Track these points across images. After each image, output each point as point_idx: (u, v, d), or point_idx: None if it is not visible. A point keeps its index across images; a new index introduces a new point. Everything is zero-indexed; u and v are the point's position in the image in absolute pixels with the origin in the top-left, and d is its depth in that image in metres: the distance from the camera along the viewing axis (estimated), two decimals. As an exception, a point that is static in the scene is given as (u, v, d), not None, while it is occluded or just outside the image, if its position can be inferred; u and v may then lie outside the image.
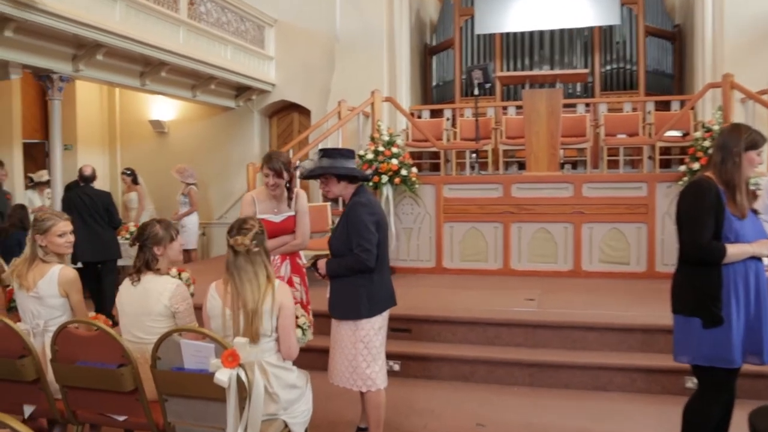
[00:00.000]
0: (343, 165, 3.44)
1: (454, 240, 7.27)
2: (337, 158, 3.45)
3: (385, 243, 3.48)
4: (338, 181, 3.46)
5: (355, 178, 3.49)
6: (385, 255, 3.50)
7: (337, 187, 3.48)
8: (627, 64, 9.74)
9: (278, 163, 3.78)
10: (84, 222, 6.76)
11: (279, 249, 3.88)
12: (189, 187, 8.87)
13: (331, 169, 3.43)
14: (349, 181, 3.47)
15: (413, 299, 5.92)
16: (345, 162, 3.45)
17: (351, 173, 3.45)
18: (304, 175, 3.56)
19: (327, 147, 3.58)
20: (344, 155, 3.48)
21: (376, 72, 9.14)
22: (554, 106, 7.02)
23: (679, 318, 3.05)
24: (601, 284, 6.51)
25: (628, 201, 6.74)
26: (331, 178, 3.46)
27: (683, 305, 3.02)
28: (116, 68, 7.54)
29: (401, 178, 7.00)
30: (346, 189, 3.48)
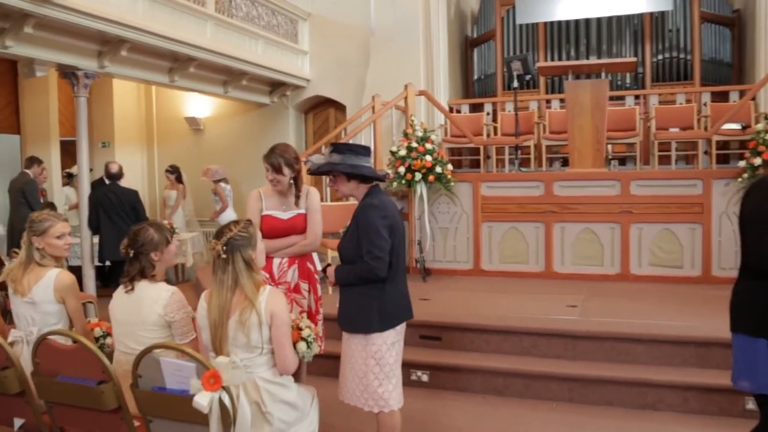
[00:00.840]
0: (354, 163, 3.11)
1: (492, 241, 6.88)
2: (347, 154, 3.13)
3: (401, 249, 3.15)
4: (348, 179, 3.14)
5: (367, 178, 3.16)
6: (401, 262, 3.17)
7: (346, 186, 3.16)
8: (681, 53, 9.13)
9: (277, 158, 3.50)
10: (110, 220, 6.67)
11: (287, 250, 3.59)
12: (217, 185, 8.71)
13: (338, 167, 3.12)
14: (360, 180, 3.15)
15: (446, 304, 5.59)
16: (356, 159, 3.13)
17: (359, 172, 3.11)
18: (311, 171, 3.26)
19: (339, 142, 3.25)
20: (356, 152, 3.15)
21: (412, 66, 8.79)
22: (599, 98, 6.54)
23: (741, 338, 2.62)
24: (651, 289, 6.01)
25: (682, 199, 6.21)
26: (340, 175, 3.15)
27: (746, 323, 2.59)
28: (143, 64, 7.40)
29: (435, 175, 6.64)
30: (358, 189, 3.16)
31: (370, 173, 3.17)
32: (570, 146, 6.74)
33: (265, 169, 3.56)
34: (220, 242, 2.72)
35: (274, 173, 3.53)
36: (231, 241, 2.71)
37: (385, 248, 3.00)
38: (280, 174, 3.52)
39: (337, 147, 3.19)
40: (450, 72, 9.51)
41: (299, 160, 3.61)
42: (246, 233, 2.76)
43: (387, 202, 3.15)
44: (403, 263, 3.22)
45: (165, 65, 7.80)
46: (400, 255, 3.15)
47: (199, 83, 8.43)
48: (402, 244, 3.18)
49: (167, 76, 7.91)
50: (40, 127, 9.12)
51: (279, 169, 3.51)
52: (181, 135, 10.79)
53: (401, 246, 3.16)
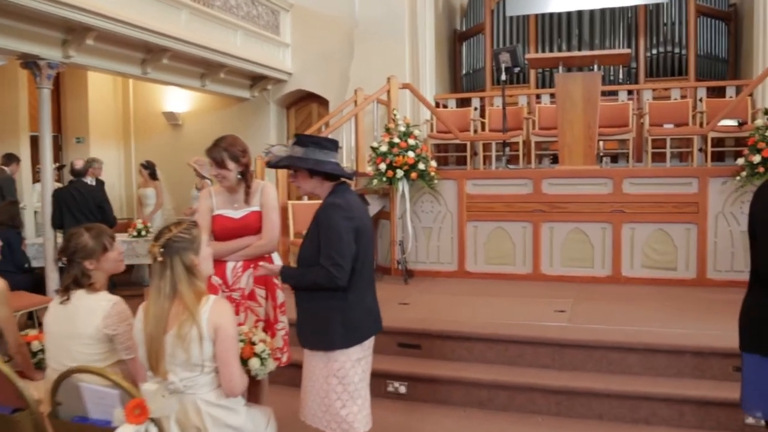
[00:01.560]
0: (318, 158, 2.78)
1: (477, 241, 6.56)
2: (311, 148, 2.79)
3: (368, 255, 2.82)
4: (310, 175, 2.80)
5: (332, 175, 2.83)
6: (368, 270, 2.84)
7: (308, 182, 2.82)
8: (676, 47, 8.83)
9: (220, 152, 3.18)
10: (75, 219, 6.31)
11: (241, 252, 3.26)
12: (203, 182, 8.35)
13: (299, 162, 2.78)
14: (324, 177, 2.81)
15: (427, 308, 5.27)
16: (321, 154, 2.79)
17: (321, 169, 2.77)
18: (270, 164, 2.91)
19: (304, 134, 2.91)
20: (321, 146, 2.81)
21: (397, 59, 8.46)
22: (591, 92, 6.23)
23: (751, 358, 2.30)
24: (644, 293, 5.71)
25: (676, 198, 5.91)
26: (302, 171, 2.81)
27: (757, 342, 2.27)
28: (113, 55, 7.04)
29: (418, 172, 6.32)
30: (321, 186, 2.82)
31: (335, 170, 2.84)
32: (560, 142, 6.43)
33: (209, 164, 3.25)
34: (157, 244, 2.38)
35: (217, 168, 3.21)
36: (170, 243, 2.38)
37: (347, 254, 2.67)
38: (224, 169, 3.20)
39: (301, 139, 2.85)
40: (437, 66, 9.18)
41: (247, 153, 3.28)
42: (188, 235, 2.43)
43: (353, 202, 2.81)
44: (370, 270, 2.89)
45: (137, 56, 7.44)
46: (367, 261, 2.82)
47: (175, 76, 8.06)
48: (370, 249, 2.85)
49: (140, 68, 7.55)
50: (9, 121, 8.72)
51: (222, 164, 3.18)
52: (159, 130, 10.42)
53: (369, 251, 2.83)
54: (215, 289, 3.28)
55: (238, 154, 3.20)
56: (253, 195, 3.32)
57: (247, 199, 3.31)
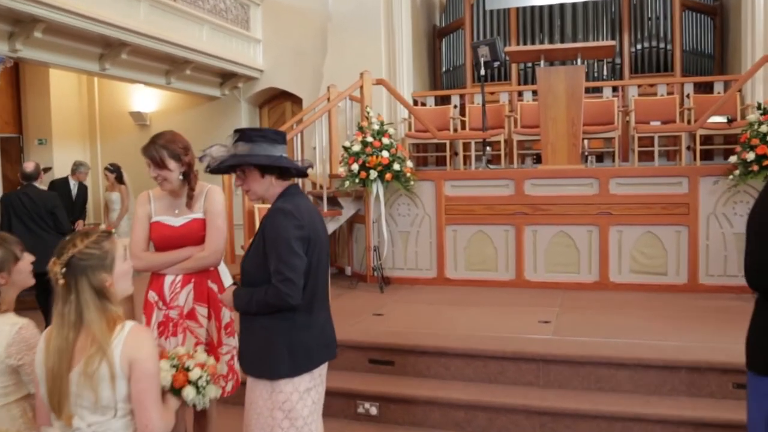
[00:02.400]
0: (268, 153, 2.39)
1: (457, 246, 6.20)
2: (259, 143, 2.39)
3: (321, 268, 2.43)
4: (261, 175, 2.41)
5: (285, 172, 2.44)
6: (321, 286, 2.45)
7: (260, 184, 2.42)
8: (661, 42, 8.54)
9: (158, 150, 2.78)
10: (25, 226, 5.86)
11: (180, 265, 2.86)
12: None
13: (250, 158, 2.38)
14: (278, 175, 2.42)
15: (402, 320, 4.89)
16: (271, 148, 2.40)
17: (278, 163, 2.39)
18: (210, 168, 2.50)
19: (248, 128, 2.50)
20: (270, 138, 2.42)
21: (373, 55, 8.08)
22: (575, 87, 5.90)
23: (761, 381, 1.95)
24: (633, 300, 5.38)
25: (665, 199, 5.58)
26: (252, 170, 2.41)
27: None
28: (66, 49, 6.60)
29: (393, 173, 5.94)
30: (273, 187, 2.43)
31: (292, 164, 2.45)
32: (543, 140, 6.08)
33: (146, 164, 2.83)
34: (59, 261, 1.97)
35: (156, 169, 2.80)
36: (74, 261, 1.96)
37: (298, 268, 2.28)
38: (164, 169, 2.79)
39: (245, 134, 2.43)
40: (416, 63, 8.81)
41: (189, 151, 2.87)
42: (97, 250, 2.01)
43: (304, 207, 2.42)
44: (324, 286, 2.50)
45: (94, 51, 7.00)
46: (320, 276, 2.43)
47: (137, 72, 7.62)
48: (325, 261, 2.47)
49: (97, 64, 7.10)
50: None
51: (162, 164, 2.78)
52: (126, 131, 9.95)
53: (323, 265, 2.44)
54: (151, 306, 2.88)
55: (179, 151, 2.80)
56: (196, 199, 2.92)
57: (190, 203, 2.91)
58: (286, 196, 2.42)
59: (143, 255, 2.90)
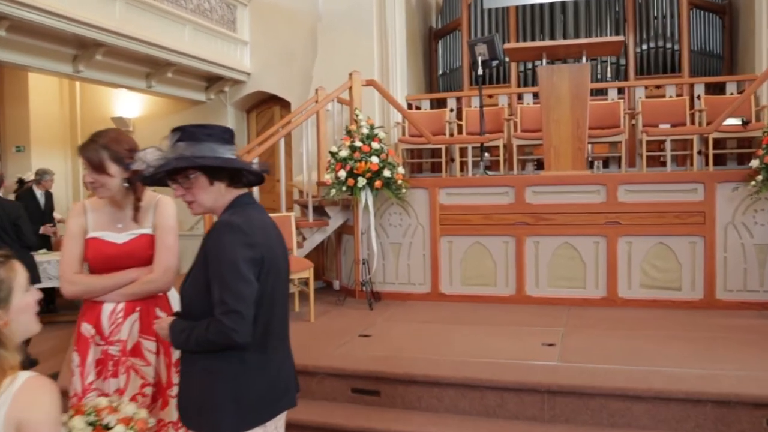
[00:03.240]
0: (218, 154, 1.94)
1: (453, 258, 5.75)
2: (205, 142, 1.93)
3: (279, 295, 1.98)
4: (210, 181, 1.95)
5: (236, 177, 1.99)
6: (277, 317, 1.98)
7: (208, 192, 1.96)
8: (668, 42, 8.12)
9: (96, 151, 2.32)
10: (-15, 239, 5.39)
11: (123, 291, 2.40)
12: (149, 194, 7.46)
13: (200, 160, 1.93)
14: (228, 181, 1.97)
15: (391, 343, 4.42)
16: (219, 149, 1.95)
17: (230, 165, 1.94)
18: (145, 177, 2.04)
19: (192, 124, 2.03)
20: (217, 137, 1.96)
21: (364, 57, 7.66)
22: (580, 87, 5.46)
23: None
24: (644, 317, 4.92)
25: (679, 207, 5.14)
26: (199, 176, 1.95)
27: None
28: (37, 50, 6.19)
29: (383, 180, 5.50)
30: (222, 196, 1.97)
31: (246, 166, 2.00)
32: (545, 145, 5.64)
33: (82, 167, 2.39)
34: None
35: (93, 173, 2.34)
36: None
37: (246, 296, 1.83)
38: (103, 174, 2.34)
39: (188, 132, 1.95)
40: (411, 66, 8.38)
41: (135, 152, 2.41)
42: None
43: (258, 221, 1.96)
44: (283, 318, 2.04)
45: (66, 52, 6.57)
46: (277, 306, 1.97)
47: (114, 75, 7.19)
48: (283, 288, 2.01)
49: (71, 66, 6.67)
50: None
51: (100, 168, 2.32)
52: (108, 138, 9.50)
53: (281, 291, 1.99)
54: (86, 341, 2.42)
55: (123, 154, 2.33)
56: (144, 212, 2.47)
57: (136, 216, 2.46)
58: (235, 207, 1.97)
59: (78, 279, 2.43)
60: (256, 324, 1.87)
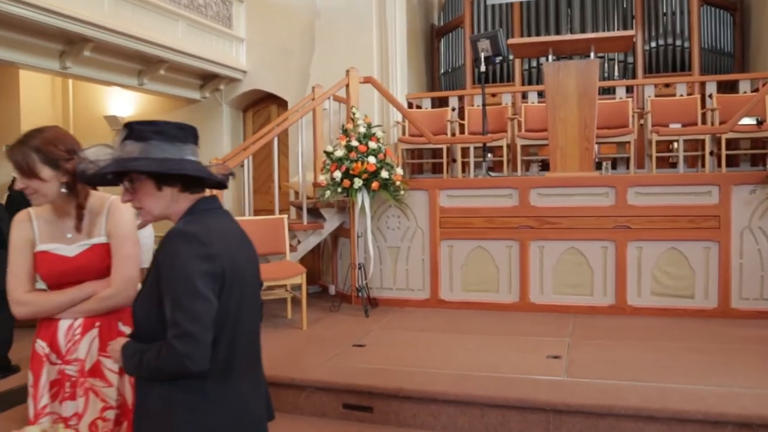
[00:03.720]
0: (166, 156, 1.67)
1: (454, 263, 5.49)
2: (152, 141, 1.66)
3: (246, 314, 1.71)
4: (158, 186, 1.69)
5: (192, 181, 1.73)
6: (244, 340, 1.72)
7: (155, 198, 1.69)
8: (677, 39, 7.85)
9: (26, 154, 2.04)
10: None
11: (79, 308, 2.14)
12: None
13: (134, 163, 1.66)
14: (182, 186, 1.71)
15: (386, 353, 4.17)
16: (172, 149, 1.68)
17: (174, 170, 1.67)
18: (86, 177, 1.77)
19: (140, 120, 1.75)
20: (168, 135, 1.69)
21: (363, 54, 7.39)
22: (588, 84, 5.20)
23: None
24: (656, 327, 4.65)
25: (692, 211, 4.87)
26: (144, 180, 1.69)
27: None
28: (21, 45, 5.94)
29: (380, 181, 5.24)
30: (176, 203, 1.71)
31: (199, 171, 1.73)
32: (551, 145, 5.37)
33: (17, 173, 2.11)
34: None
35: (24, 178, 2.06)
36: None
37: (203, 317, 1.56)
38: (34, 179, 2.05)
39: (134, 129, 1.68)
40: (412, 64, 8.12)
41: (75, 154, 2.13)
42: None
43: (218, 229, 1.69)
44: (252, 341, 1.77)
45: (54, 48, 6.32)
46: (243, 326, 1.70)
47: (104, 72, 6.93)
48: (251, 306, 1.75)
49: (58, 62, 6.42)
50: None
51: (30, 172, 2.03)
52: (102, 136, 9.22)
53: (248, 309, 1.72)
54: (40, 361, 2.16)
55: (58, 155, 2.05)
56: (95, 218, 2.20)
57: (79, 226, 2.17)
58: (194, 213, 1.70)
59: (27, 299, 2.15)
60: (217, 348, 1.61)
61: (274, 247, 5.31)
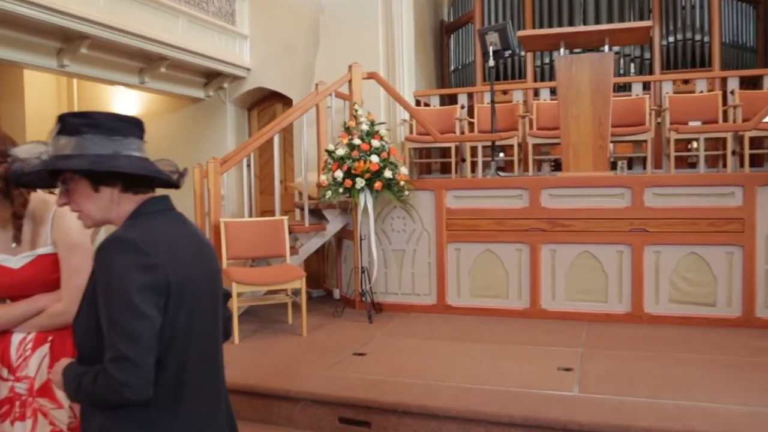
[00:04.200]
0: (102, 152, 1.45)
1: (461, 267, 5.25)
2: (87, 135, 1.44)
3: (198, 331, 1.49)
4: (94, 187, 1.47)
5: (134, 180, 1.50)
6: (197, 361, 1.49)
7: (93, 201, 1.48)
8: (697, 34, 7.53)
9: None
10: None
11: (30, 323, 1.93)
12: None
13: (63, 162, 1.44)
14: (122, 186, 1.49)
15: (388, 363, 3.94)
16: (108, 144, 1.46)
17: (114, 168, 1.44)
18: (14, 176, 1.54)
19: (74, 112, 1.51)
20: (105, 128, 1.46)
21: (369, 51, 7.16)
22: (602, 78, 4.92)
23: None
24: (674, 337, 4.38)
25: (714, 213, 4.59)
26: (78, 180, 1.47)
27: None
28: (17, 42, 5.79)
29: (384, 181, 5.00)
30: (117, 206, 1.49)
31: (137, 169, 1.49)
32: (563, 143, 5.11)
33: None
34: None
35: None
36: None
37: (141, 337, 1.33)
38: None
39: (67, 123, 1.46)
40: (420, 61, 7.88)
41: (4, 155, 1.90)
42: None
43: (164, 234, 1.45)
44: (209, 363, 1.54)
45: (50, 45, 6.16)
46: (196, 346, 1.48)
47: (103, 70, 6.76)
48: (208, 322, 1.52)
49: (55, 60, 6.26)
50: None
51: None
52: (105, 137, 9.12)
53: (202, 325, 1.50)
54: (-11, 376, 1.96)
55: None
56: (38, 226, 1.96)
57: (18, 236, 1.94)
58: (138, 216, 1.48)
59: None
60: (164, 370, 1.39)
61: (275, 249, 5.09)
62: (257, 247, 5.06)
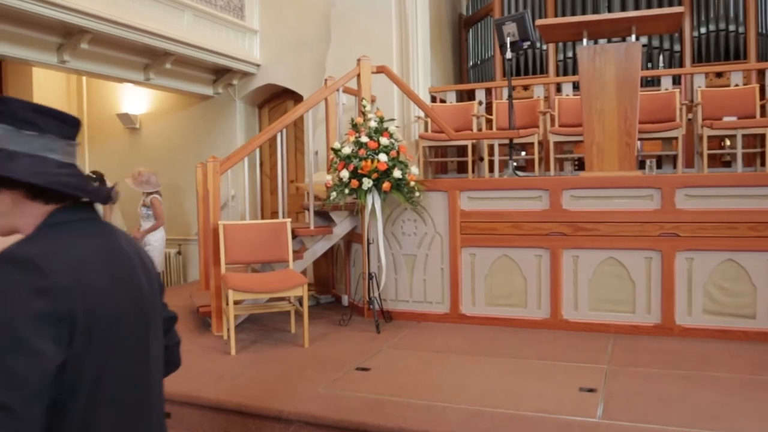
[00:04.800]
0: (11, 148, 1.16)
1: (476, 274, 4.90)
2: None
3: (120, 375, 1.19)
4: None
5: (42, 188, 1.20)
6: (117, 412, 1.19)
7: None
8: (731, 24, 7.07)
9: None
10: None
11: None
12: (151, 197, 6.83)
13: None
14: (26, 192, 1.20)
15: (391, 380, 3.61)
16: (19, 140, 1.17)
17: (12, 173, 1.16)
18: None
19: None
20: (14, 119, 1.19)
21: (382, 46, 6.83)
22: (629, 70, 4.54)
23: None
24: (710, 352, 3.99)
25: (754, 216, 4.18)
26: None
27: None
28: (15, 37, 5.59)
29: (393, 182, 4.68)
30: (22, 213, 1.21)
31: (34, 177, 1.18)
32: (586, 140, 4.73)
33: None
34: None
35: None
36: None
37: (27, 380, 1.03)
38: None
39: None
40: (437, 57, 7.52)
41: None
42: None
43: (71, 251, 1.15)
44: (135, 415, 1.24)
45: (51, 40, 5.95)
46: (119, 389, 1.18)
47: (105, 66, 6.53)
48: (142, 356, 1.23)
49: (55, 56, 6.05)
50: None
51: None
52: (115, 135, 8.93)
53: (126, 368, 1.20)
54: None
55: None
56: None
57: None
58: (43, 229, 1.19)
59: None
60: (65, 421, 1.09)
61: (277, 254, 4.79)
62: (258, 252, 4.77)
